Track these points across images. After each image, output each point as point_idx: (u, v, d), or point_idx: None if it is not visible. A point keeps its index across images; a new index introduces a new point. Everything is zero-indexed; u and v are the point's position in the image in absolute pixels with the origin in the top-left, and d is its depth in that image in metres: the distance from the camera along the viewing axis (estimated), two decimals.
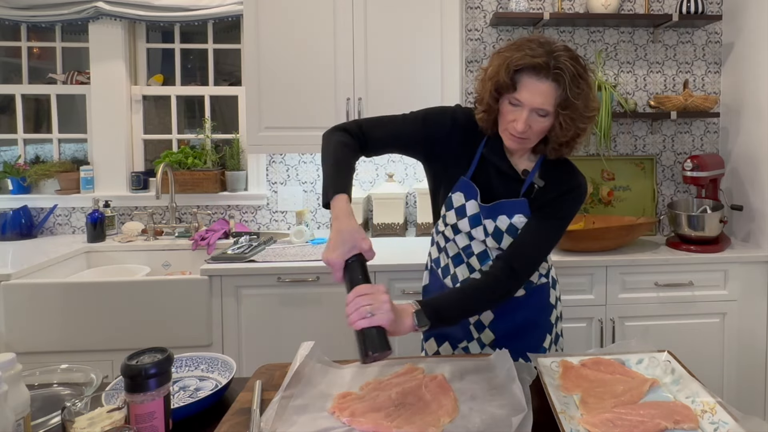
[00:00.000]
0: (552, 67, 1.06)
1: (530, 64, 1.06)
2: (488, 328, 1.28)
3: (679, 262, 2.09)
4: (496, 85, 1.11)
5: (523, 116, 1.09)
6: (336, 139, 1.17)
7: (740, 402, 2.10)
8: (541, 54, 1.06)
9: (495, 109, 1.16)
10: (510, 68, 1.08)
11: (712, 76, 2.61)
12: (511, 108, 1.12)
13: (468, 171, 1.23)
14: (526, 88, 1.08)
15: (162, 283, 1.94)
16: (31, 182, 2.58)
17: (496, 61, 1.13)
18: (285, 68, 2.21)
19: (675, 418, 0.87)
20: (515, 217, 1.20)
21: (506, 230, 1.21)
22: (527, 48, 1.08)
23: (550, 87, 1.07)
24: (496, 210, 1.21)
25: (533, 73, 1.07)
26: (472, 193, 1.22)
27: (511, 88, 1.09)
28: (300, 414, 0.88)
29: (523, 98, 1.08)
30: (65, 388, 1.04)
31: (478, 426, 0.85)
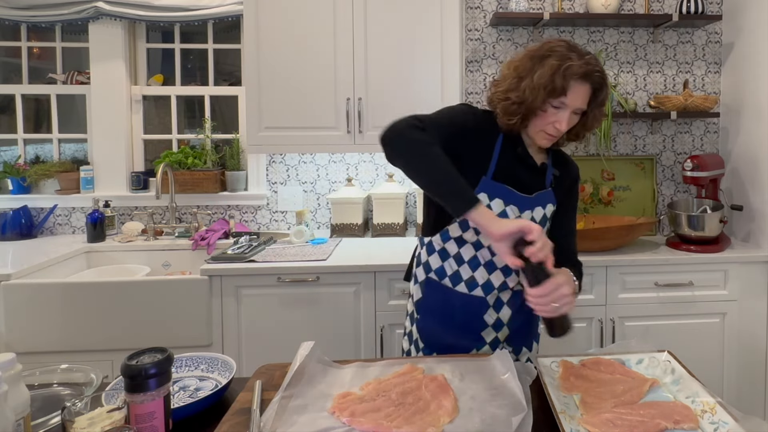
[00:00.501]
0: (593, 72, 1.17)
1: (585, 72, 1.15)
2: (506, 325, 1.29)
3: (679, 262, 2.09)
4: (549, 91, 1.16)
5: (566, 117, 1.18)
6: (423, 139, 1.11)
7: (740, 402, 2.10)
8: (589, 61, 1.17)
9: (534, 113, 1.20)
10: (567, 76, 1.15)
11: (712, 76, 2.61)
12: (554, 110, 1.19)
13: (488, 171, 1.23)
14: (575, 92, 1.17)
15: (162, 283, 1.94)
16: (31, 182, 2.58)
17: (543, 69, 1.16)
18: (285, 68, 2.21)
19: (675, 418, 0.87)
20: (547, 207, 1.28)
21: (539, 221, 1.26)
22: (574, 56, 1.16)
23: (588, 89, 1.19)
24: (535, 201, 1.26)
25: (582, 79, 1.16)
26: (498, 192, 1.22)
27: (561, 93, 1.16)
28: (300, 414, 0.88)
29: (570, 101, 1.17)
30: (65, 388, 1.03)
31: (478, 426, 0.85)
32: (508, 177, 1.25)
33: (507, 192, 1.23)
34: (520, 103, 1.20)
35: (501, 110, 1.24)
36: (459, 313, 1.26)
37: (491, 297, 1.25)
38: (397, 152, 1.13)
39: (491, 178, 1.23)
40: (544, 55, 1.19)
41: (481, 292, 1.25)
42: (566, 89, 1.16)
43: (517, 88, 1.20)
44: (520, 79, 1.20)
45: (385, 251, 2.15)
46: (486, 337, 1.28)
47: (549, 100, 1.18)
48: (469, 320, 1.26)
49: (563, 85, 1.15)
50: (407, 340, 1.39)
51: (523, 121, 1.22)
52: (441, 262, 1.28)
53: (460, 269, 1.26)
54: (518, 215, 1.23)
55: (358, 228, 2.45)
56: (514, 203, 1.23)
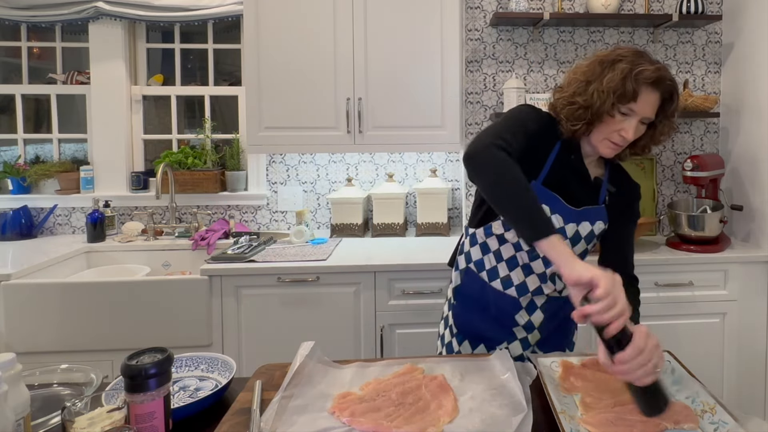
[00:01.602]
0: (665, 79, 1.14)
1: (657, 78, 1.12)
2: (537, 329, 1.28)
3: (679, 262, 2.09)
4: (618, 96, 1.13)
5: (633, 125, 1.15)
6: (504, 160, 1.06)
7: (740, 402, 2.10)
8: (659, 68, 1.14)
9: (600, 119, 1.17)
10: (639, 81, 1.12)
11: (712, 76, 2.61)
12: (621, 117, 1.16)
13: (540, 176, 1.21)
14: (645, 99, 1.14)
15: (162, 283, 1.94)
16: (31, 182, 2.58)
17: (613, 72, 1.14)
18: (285, 68, 2.21)
19: (675, 418, 0.87)
20: (596, 224, 1.24)
21: (585, 237, 1.23)
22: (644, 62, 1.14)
23: (657, 97, 1.15)
24: (582, 216, 1.22)
25: (653, 86, 1.14)
26: (546, 199, 1.19)
27: (631, 99, 1.13)
28: (300, 414, 0.88)
29: (639, 108, 1.14)
30: (65, 388, 1.03)
31: (478, 426, 0.85)
32: (559, 185, 1.22)
33: (554, 200, 1.20)
34: (586, 108, 1.17)
35: (565, 115, 1.20)
36: (492, 308, 1.27)
37: (524, 299, 1.25)
38: (481, 174, 1.08)
39: (541, 183, 1.21)
40: (615, 59, 1.17)
41: (514, 292, 1.25)
42: (637, 94, 1.13)
43: (584, 92, 1.17)
44: (588, 83, 1.17)
45: (385, 251, 2.15)
46: (517, 334, 1.29)
47: (618, 106, 1.14)
48: (502, 316, 1.27)
49: (634, 89, 1.12)
50: (443, 324, 1.41)
51: (587, 128, 1.19)
52: (481, 255, 1.29)
53: (498, 266, 1.26)
54: (562, 225, 1.20)
55: (358, 228, 2.45)
56: (560, 213, 1.20)
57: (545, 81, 2.55)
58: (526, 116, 1.21)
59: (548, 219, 1.03)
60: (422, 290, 1.99)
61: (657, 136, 1.22)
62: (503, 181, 1.05)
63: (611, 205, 1.28)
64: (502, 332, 1.28)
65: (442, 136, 2.26)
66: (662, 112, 1.18)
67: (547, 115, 1.25)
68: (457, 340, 1.35)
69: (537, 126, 1.20)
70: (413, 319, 1.98)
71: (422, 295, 1.99)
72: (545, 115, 1.25)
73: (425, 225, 2.45)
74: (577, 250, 1.23)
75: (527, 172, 1.17)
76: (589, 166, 1.28)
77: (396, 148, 2.34)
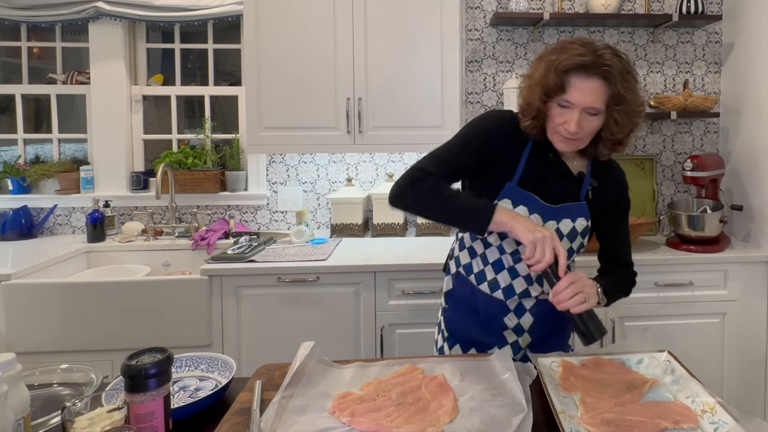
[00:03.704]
0: (600, 65, 1.08)
1: (579, 63, 1.08)
2: (527, 332, 1.27)
3: (679, 262, 2.09)
4: (545, 89, 1.12)
5: (574, 117, 1.11)
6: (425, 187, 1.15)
7: (740, 402, 2.10)
8: (586, 53, 1.08)
9: (544, 114, 1.16)
10: (559, 70, 1.09)
11: (712, 76, 2.61)
12: (561, 110, 1.13)
13: (514, 177, 1.21)
14: (576, 88, 1.10)
15: (162, 283, 1.94)
16: (31, 182, 2.58)
17: (542, 65, 1.14)
18: (285, 68, 2.21)
19: (675, 418, 0.87)
20: (578, 221, 1.23)
21: (567, 234, 1.22)
22: (572, 49, 1.10)
23: (599, 85, 1.09)
24: (561, 212, 1.21)
25: (582, 73, 1.09)
26: (522, 199, 1.19)
27: (560, 90, 1.11)
28: (300, 414, 0.88)
29: (573, 99, 1.10)
30: (65, 388, 1.03)
31: (478, 426, 0.85)
32: (536, 184, 1.21)
33: (530, 199, 1.20)
34: (528, 104, 1.17)
35: (519, 114, 1.21)
36: (482, 311, 1.27)
37: (512, 302, 1.25)
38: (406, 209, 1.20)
39: (516, 184, 1.21)
40: (548, 52, 1.15)
41: (501, 295, 1.25)
42: (564, 86, 1.10)
43: (525, 88, 1.19)
44: (528, 79, 1.18)
45: (385, 251, 2.15)
46: (508, 337, 1.28)
47: (553, 99, 1.13)
48: (491, 320, 1.27)
49: (559, 81, 1.10)
50: (437, 328, 1.42)
51: (537, 123, 1.18)
52: (469, 259, 1.29)
53: (485, 269, 1.26)
54: (542, 224, 1.20)
55: (358, 228, 2.45)
56: (538, 211, 1.20)
57: None
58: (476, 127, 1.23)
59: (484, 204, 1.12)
60: (422, 290, 1.98)
61: (610, 127, 1.14)
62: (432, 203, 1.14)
63: (597, 200, 1.26)
64: (492, 336, 1.28)
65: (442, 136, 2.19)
66: (613, 99, 1.11)
67: (511, 118, 1.24)
68: (449, 345, 1.35)
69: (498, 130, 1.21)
70: (413, 319, 1.98)
71: (422, 295, 1.99)
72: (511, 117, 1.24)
73: (425, 225, 2.45)
74: None
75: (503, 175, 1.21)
76: (570, 161, 1.25)
77: (396, 148, 2.33)
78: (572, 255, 1.26)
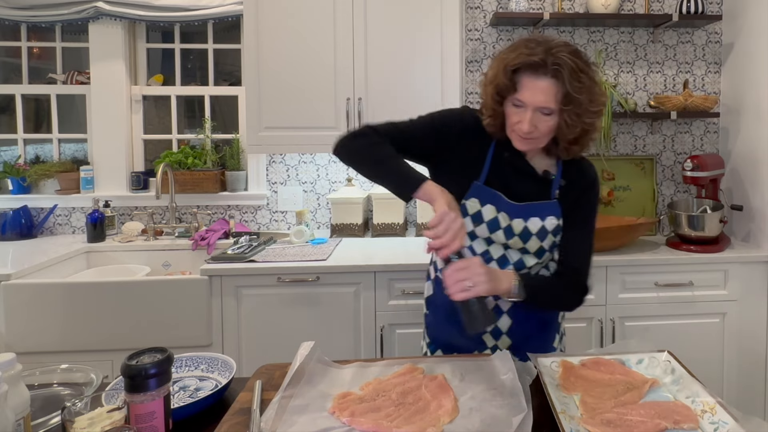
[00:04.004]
0: (550, 64, 1.04)
1: (527, 63, 1.06)
2: (506, 334, 1.26)
3: (679, 262, 2.09)
4: (496, 88, 1.11)
5: (527, 117, 1.08)
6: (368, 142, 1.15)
7: (740, 402, 2.10)
8: (538, 52, 1.05)
9: (500, 113, 1.15)
10: (507, 69, 1.08)
11: (712, 76, 2.61)
12: (515, 110, 1.11)
13: (480, 176, 1.20)
14: (526, 88, 1.07)
15: (162, 283, 1.94)
16: (31, 182, 2.58)
17: (496, 64, 1.13)
18: (285, 68, 2.21)
19: (675, 418, 0.87)
20: (547, 219, 1.19)
21: (537, 233, 1.19)
22: (524, 47, 1.08)
23: (550, 84, 1.06)
24: (528, 210, 1.19)
25: (531, 72, 1.07)
26: (489, 198, 1.19)
27: (511, 90, 1.09)
28: (300, 414, 0.88)
29: (525, 98, 1.08)
30: (65, 388, 1.03)
31: (478, 426, 0.85)
32: (502, 183, 1.20)
33: (497, 197, 1.19)
34: (485, 106, 1.17)
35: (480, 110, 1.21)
36: None
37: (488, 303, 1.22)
38: (345, 161, 1.19)
39: (483, 182, 1.20)
40: (503, 50, 1.13)
41: None
42: (516, 84, 1.08)
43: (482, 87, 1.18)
44: (485, 78, 1.18)
45: (385, 251, 2.15)
46: (487, 341, 1.26)
47: (507, 98, 1.11)
48: None
49: (509, 80, 1.08)
50: (422, 337, 1.41)
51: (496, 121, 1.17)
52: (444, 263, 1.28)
53: None
54: (509, 223, 1.18)
55: (358, 228, 2.45)
56: (505, 210, 1.18)
57: None
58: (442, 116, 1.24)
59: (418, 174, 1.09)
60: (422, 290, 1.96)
61: (564, 129, 1.11)
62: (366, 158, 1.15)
63: (563, 199, 1.21)
64: (472, 340, 1.25)
65: None
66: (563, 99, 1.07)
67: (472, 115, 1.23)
68: (430, 350, 1.34)
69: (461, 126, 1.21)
70: (413, 319, 1.98)
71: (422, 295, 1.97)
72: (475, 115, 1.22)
73: (425, 225, 2.45)
74: (531, 247, 1.19)
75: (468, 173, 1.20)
76: (534, 160, 1.23)
77: None
78: (543, 254, 1.22)
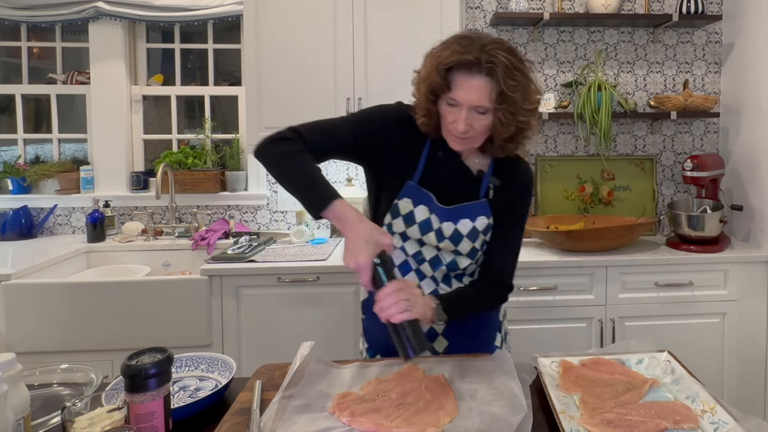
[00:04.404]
0: (483, 62, 1.02)
1: (460, 61, 1.02)
2: (442, 335, 1.22)
3: (679, 262, 2.09)
4: (430, 87, 1.07)
5: (462, 116, 1.05)
6: (286, 150, 1.09)
7: (740, 402, 2.10)
8: (471, 50, 1.02)
9: (435, 113, 1.11)
10: (440, 68, 1.04)
11: (712, 76, 2.61)
12: (450, 109, 1.08)
13: (414, 175, 1.17)
14: (460, 87, 1.04)
15: (162, 283, 1.94)
16: (31, 182, 2.58)
17: (428, 62, 1.09)
18: (285, 68, 2.21)
19: (675, 418, 0.87)
20: (477, 220, 1.16)
21: (467, 234, 1.16)
22: (457, 45, 1.04)
23: (485, 82, 1.03)
24: (457, 213, 1.16)
25: (465, 70, 1.03)
26: (422, 198, 1.15)
27: (445, 89, 1.05)
28: (300, 414, 0.88)
29: (459, 97, 1.05)
30: (65, 388, 1.03)
31: (478, 426, 0.85)
32: (436, 184, 1.16)
33: (428, 199, 1.15)
34: (419, 106, 1.13)
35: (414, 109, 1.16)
36: None
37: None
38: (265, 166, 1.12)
39: (416, 182, 1.16)
40: (435, 48, 1.10)
41: None
42: (450, 83, 1.05)
43: (415, 86, 1.15)
44: (418, 76, 1.14)
45: None
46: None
47: (441, 97, 1.08)
48: None
49: (443, 79, 1.04)
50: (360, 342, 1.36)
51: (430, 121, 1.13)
52: None
53: None
54: (439, 226, 1.15)
55: None
56: (435, 212, 1.15)
57: (545, 81, 2.55)
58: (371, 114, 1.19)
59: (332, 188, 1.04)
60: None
61: (498, 127, 1.08)
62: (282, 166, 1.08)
63: (497, 199, 1.18)
64: None
65: None
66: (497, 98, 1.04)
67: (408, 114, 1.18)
68: (369, 355, 1.30)
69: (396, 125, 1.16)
70: None
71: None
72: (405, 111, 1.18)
73: None
74: (463, 249, 1.16)
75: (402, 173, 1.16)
76: (469, 160, 1.20)
77: None
78: (476, 254, 1.19)
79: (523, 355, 1.13)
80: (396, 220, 1.16)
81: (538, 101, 1.11)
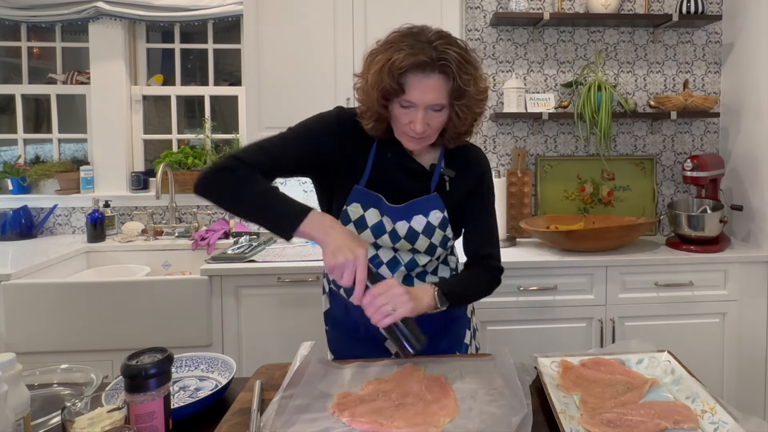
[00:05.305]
0: (436, 60, 1.00)
1: (414, 63, 1.00)
2: None
3: (679, 262, 2.09)
4: (382, 92, 1.04)
5: (419, 116, 1.04)
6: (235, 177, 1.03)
7: (740, 402, 2.10)
8: (423, 49, 1.00)
9: (386, 117, 1.09)
10: (394, 71, 1.01)
11: (712, 76, 2.61)
12: (404, 110, 1.05)
13: (362, 178, 1.14)
14: (415, 88, 1.02)
15: (162, 283, 1.94)
16: (31, 182, 2.58)
17: (375, 66, 1.05)
18: (285, 68, 2.21)
19: (675, 418, 0.87)
20: (431, 214, 1.14)
21: (423, 230, 1.14)
22: (404, 45, 1.02)
23: (439, 80, 1.02)
24: (409, 210, 1.14)
25: (419, 71, 1.01)
26: (371, 201, 1.13)
27: (399, 92, 1.03)
28: (300, 414, 0.88)
29: (415, 98, 1.03)
30: (65, 388, 1.03)
31: (478, 426, 0.85)
32: (386, 184, 1.14)
33: (378, 200, 1.13)
34: (368, 108, 1.09)
35: (359, 116, 1.13)
36: (360, 326, 1.18)
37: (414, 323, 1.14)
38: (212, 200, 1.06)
39: (364, 185, 1.14)
40: (378, 51, 1.07)
41: None
42: (403, 86, 1.02)
43: (360, 90, 1.10)
44: (363, 80, 1.10)
45: None
46: (390, 348, 1.21)
47: (393, 101, 1.05)
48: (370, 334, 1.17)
49: (396, 82, 1.01)
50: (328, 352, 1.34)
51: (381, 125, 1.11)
52: None
53: None
54: (392, 227, 1.13)
55: None
56: (387, 213, 1.13)
57: (545, 81, 2.55)
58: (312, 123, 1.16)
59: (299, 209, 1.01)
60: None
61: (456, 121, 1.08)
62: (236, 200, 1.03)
63: (455, 189, 1.17)
64: (375, 350, 1.20)
65: None
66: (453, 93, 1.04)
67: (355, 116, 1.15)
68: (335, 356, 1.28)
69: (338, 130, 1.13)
70: None
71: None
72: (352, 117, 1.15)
73: None
74: (421, 246, 1.15)
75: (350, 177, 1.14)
76: (421, 156, 1.18)
77: None
78: (435, 250, 1.17)
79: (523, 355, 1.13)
80: (347, 226, 1.13)
81: (486, 89, 1.11)
